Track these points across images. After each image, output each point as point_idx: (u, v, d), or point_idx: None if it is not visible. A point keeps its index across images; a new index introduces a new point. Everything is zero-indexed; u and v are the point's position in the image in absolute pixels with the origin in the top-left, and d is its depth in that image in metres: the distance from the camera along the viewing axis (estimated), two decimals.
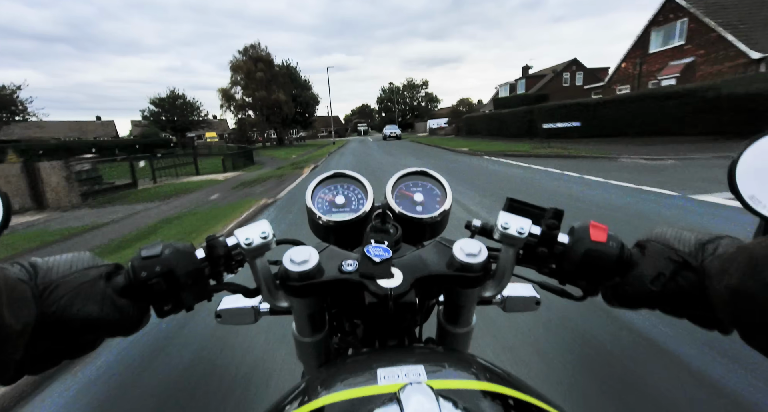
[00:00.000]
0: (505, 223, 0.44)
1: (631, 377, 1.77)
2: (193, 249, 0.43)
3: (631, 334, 2.09)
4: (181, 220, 5.90)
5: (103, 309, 0.36)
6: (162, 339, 2.37)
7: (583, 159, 10.13)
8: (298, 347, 0.53)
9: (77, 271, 0.37)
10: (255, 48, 34.79)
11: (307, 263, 0.42)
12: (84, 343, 0.38)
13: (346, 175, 0.64)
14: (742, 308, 0.30)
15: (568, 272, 0.44)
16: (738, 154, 0.39)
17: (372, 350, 0.50)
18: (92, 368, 2.14)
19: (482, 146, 16.40)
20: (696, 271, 0.37)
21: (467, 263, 0.42)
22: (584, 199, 5.44)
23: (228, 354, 2.14)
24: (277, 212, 6.17)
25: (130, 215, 6.90)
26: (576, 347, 2.04)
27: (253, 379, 1.90)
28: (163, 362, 2.15)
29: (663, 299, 0.39)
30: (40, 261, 0.37)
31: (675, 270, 0.38)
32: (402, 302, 0.42)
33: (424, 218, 0.58)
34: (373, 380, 0.34)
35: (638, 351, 1.96)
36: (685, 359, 1.85)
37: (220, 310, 0.59)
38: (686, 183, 5.85)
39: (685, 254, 0.38)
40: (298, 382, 0.44)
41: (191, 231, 4.97)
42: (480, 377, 0.37)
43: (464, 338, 0.54)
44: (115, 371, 2.11)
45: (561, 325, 2.21)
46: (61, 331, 0.35)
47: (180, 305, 0.42)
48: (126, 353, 2.26)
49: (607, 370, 1.84)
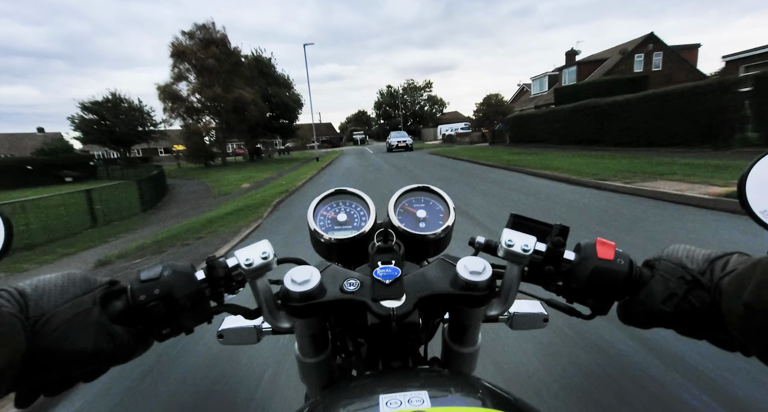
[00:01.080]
0: (509, 240, 0.43)
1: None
2: (193, 271, 0.42)
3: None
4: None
5: (97, 341, 0.35)
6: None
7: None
8: (301, 368, 0.52)
9: (70, 299, 0.36)
10: (207, 29, 24.73)
11: (309, 283, 0.41)
12: (82, 373, 0.37)
13: (348, 191, 0.62)
14: (759, 324, 0.29)
15: (576, 290, 0.43)
16: (747, 170, 0.39)
17: (375, 372, 0.49)
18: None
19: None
20: (708, 290, 0.36)
21: (472, 281, 0.41)
22: None
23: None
24: None
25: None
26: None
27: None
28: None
29: (676, 320, 0.38)
30: (29, 289, 0.35)
31: (687, 290, 0.37)
32: (405, 323, 0.41)
33: (428, 235, 0.56)
34: (375, 406, 0.33)
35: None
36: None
37: (222, 330, 0.58)
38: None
39: (695, 272, 0.38)
40: (301, 406, 0.44)
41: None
42: (486, 404, 0.36)
43: (470, 358, 0.53)
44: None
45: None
46: (54, 364, 0.34)
47: (180, 328, 0.41)
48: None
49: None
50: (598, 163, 9.21)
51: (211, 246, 4.74)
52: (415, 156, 19.99)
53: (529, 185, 7.69)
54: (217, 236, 5.24)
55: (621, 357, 1.91)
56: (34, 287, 0.36)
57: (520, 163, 10.70)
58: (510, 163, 11.28)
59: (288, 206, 7.59)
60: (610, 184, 6.47)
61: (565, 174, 7.97)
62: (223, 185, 14.16)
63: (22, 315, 0.32)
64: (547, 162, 10.36)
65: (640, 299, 0.40)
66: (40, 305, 0.34)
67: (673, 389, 1.66)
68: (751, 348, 0.31)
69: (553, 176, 8.23)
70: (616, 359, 1.90)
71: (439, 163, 14.68)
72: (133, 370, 2.11)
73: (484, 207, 5.73)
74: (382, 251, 0.49)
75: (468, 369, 0.54)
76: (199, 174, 20.75)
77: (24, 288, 0.35)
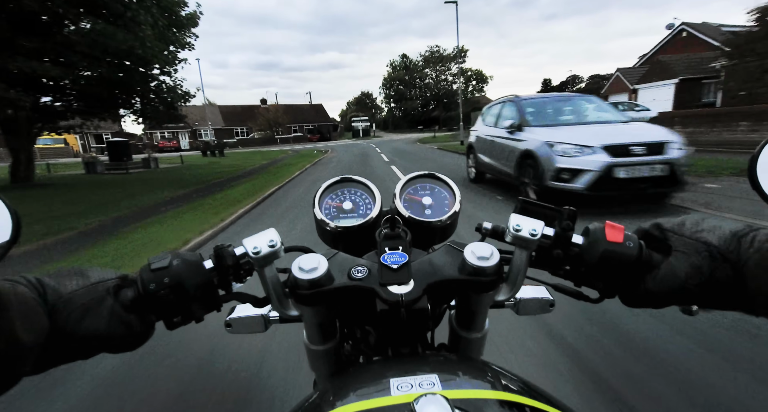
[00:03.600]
0: (516, 225, 0.43)
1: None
2: (201, 259, 0.42)
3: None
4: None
5: (110, 326, 0.36)
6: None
7: None
8: (310, 356, 0.53)
9: (85, 286, 0.37)
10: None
11: (316, 271, 0.41)
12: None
13: (353, 179, 0.62)
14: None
15: (584, 274, 0.43)
16: (758, 150, 0.38)
17: (385, 358, 0.49)
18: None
19: None
20: (734, 265, 0.36)
21: (479, 266, 0.41)
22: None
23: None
24: None
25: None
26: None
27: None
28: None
29: (699, 295, 0.38)
30: (47, 277, 0.37)
31: (714, 266, 0.37)
32: (414, 309, 0.41)
33: (434, 222, 0.56)
34: (386, 390, 0.33)
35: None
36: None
37: (230, 319, 0.58)
38: None
39: (723, 249, 0.37)
40: (310, 392, 0.43)
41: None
42: (496, 386, 0.36)
43: (478, 343, 0.54)
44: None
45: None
46: (68, 346, 0.36)
47: (189, 316, 0.41)
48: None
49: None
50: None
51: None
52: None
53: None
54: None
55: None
56: (51, 276, 0.37)
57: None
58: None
59: None
60: None
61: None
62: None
63: (41, 300, 0.34)
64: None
65: (659, 280, 0.39)
66: (57, 291, 0.36)
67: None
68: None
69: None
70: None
71: None
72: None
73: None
74: (389, 238, 0.48)
75: (476, 354, 0.54)
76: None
77: (41, 277, 0.36)
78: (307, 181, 9.55)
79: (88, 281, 0.38)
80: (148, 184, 10.34)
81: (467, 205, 5.07)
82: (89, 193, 9.08)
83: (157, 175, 13.30)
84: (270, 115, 44.98)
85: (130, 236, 4.70)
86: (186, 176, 12.25)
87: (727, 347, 1.83)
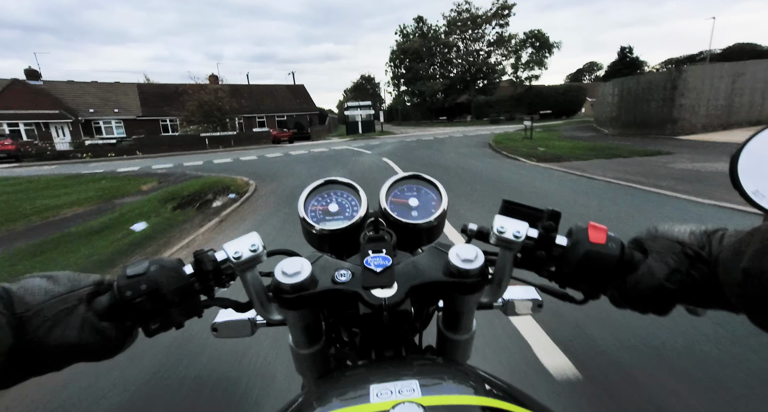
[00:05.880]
0: (501, 226, 0.43)
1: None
2: (180, 265, 0.42)
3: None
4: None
5: (82, 336, 0.35)
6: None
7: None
8: (296, 359, 0.52)
9: (55, 296, 0.36)
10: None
11: (300, 275, 0.41)
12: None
13: (339, 181, 0.61)
14: (754, 288, 0.30)
15: (568, 275, 0.43)
16: (739, 149, 0.38)
17: (368, 362, 0.49)
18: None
19: None
20: (708, 263, 0.37)
21: (463, 268, 0.41)
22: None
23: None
24: None
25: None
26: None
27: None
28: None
29: (680, 295, 0.38)
30: (15, 287, 0.35)
31: (690, 265, 0.38)
32: (397, 312, 0.41)
33: (420, 223, 0.55)
34: (365, 397, 0.33)
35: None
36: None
37: (216, 323, 0.57)
38: None
39: (695, 247, 0.38)
40: (295, 396, 0.43)
41: None
42: (479, 391, 0.36)
43: (465, 345, 0.53)
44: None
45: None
46: (37, 359, 0.35)
47: (169, 322, 0.41)
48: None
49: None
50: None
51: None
52: None
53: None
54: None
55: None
56: (19, 285, 0.36)
57: None
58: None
59: None
60: None
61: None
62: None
63: (6, 311, 0.33)
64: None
65: (637, 280, 0.39)
66: (24, 301, 0.34)
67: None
68: (748, 313, 0.32)
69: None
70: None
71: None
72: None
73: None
74: (372, 241, 0.48)
75: (463, 356, 0.54)
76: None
77: (9, 287, 0.35)
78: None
79: (59, 288, 0.36)
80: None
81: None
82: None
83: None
84: (206, 98, 27.37)
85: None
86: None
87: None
